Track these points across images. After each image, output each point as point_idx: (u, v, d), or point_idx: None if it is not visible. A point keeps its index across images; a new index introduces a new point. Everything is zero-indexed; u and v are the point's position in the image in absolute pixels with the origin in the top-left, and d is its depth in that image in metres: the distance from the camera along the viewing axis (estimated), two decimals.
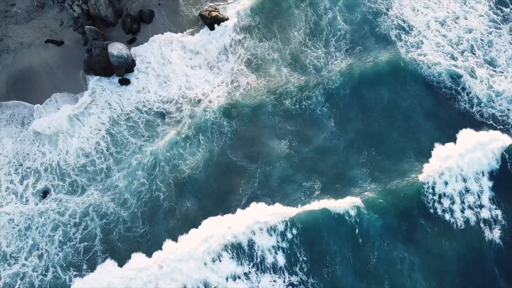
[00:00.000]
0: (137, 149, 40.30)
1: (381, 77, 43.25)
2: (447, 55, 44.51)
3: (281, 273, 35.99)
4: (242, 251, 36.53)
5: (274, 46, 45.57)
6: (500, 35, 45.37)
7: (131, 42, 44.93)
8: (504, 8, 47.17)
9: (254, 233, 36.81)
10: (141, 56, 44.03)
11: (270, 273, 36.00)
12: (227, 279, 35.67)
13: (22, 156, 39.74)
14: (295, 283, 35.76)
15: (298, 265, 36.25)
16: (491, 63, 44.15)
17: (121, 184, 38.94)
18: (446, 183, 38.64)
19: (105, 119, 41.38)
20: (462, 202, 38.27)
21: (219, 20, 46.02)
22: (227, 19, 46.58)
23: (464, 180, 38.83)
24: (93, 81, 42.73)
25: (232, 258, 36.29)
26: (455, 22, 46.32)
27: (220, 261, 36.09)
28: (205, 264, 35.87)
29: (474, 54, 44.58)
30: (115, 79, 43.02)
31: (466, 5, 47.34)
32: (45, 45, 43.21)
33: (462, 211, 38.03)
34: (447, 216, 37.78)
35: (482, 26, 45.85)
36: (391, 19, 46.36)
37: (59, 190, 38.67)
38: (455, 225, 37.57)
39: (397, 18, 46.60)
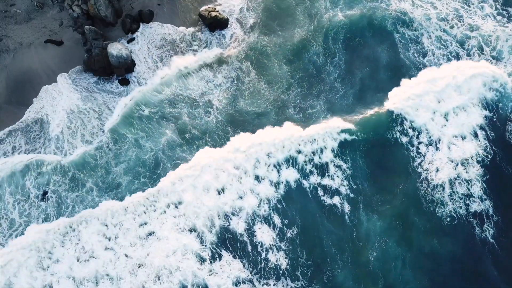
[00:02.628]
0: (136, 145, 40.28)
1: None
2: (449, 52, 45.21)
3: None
4: None
5: (275, 42, 45.69)
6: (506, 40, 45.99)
7: (130, 42, 44.80)
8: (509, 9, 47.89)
9: None
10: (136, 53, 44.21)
11: None
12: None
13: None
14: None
15: None
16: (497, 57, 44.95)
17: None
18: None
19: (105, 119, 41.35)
20: None
21: (219, 20, 46.00)
22: (227, 19, 46.61)
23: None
24: (91, 80, 42.73)
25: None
26: (459, 21, 46.83)
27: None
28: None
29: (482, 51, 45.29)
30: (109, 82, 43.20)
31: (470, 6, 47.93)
32: (45, 45, 43.05)
33: None
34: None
35: (489, 26, 46.27)
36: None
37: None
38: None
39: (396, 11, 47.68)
